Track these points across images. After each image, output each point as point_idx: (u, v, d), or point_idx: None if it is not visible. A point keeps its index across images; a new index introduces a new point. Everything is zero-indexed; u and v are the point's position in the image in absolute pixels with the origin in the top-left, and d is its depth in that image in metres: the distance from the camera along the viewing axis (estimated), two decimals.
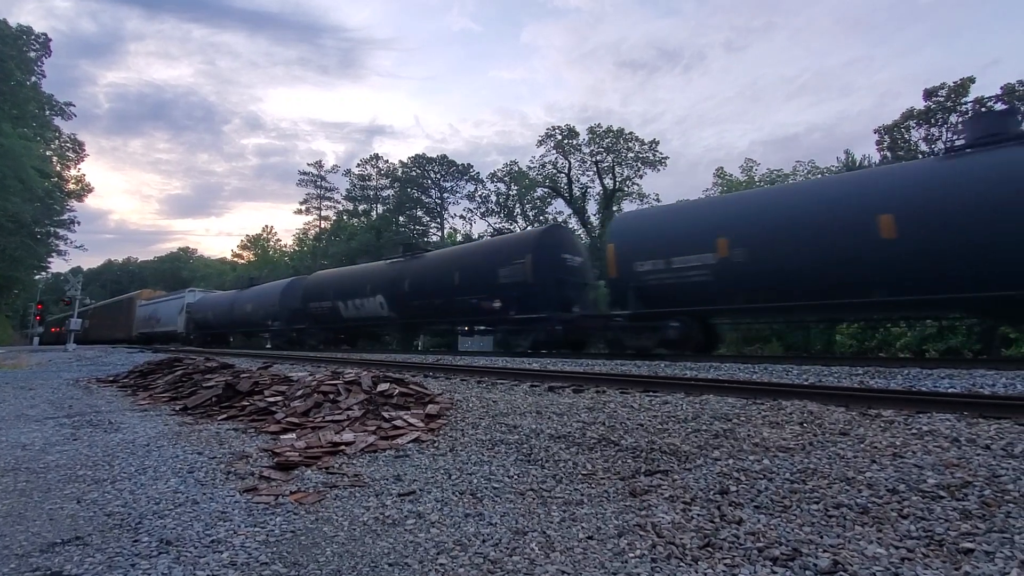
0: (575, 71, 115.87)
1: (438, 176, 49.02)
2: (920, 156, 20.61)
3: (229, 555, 2.12)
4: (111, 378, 9.94)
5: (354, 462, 3.49)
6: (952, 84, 21.62)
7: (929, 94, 22.08)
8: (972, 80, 21.36)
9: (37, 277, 44.61)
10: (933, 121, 22.21)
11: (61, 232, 39.21)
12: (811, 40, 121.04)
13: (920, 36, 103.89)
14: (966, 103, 21.48)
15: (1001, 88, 20.77)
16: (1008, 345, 15.13)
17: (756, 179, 33.45)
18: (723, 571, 1.86)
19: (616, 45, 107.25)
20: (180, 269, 74.22)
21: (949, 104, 21.74)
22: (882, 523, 2.10)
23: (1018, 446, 2.66)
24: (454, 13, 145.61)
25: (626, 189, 40.34)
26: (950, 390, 4.40)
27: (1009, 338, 15.07)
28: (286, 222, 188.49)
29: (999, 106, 21.12)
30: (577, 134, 40.49)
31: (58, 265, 55.43)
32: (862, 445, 2.91)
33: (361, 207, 53.65)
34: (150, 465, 3.53)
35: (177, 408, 5.97)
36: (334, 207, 57.27)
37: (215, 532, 2.35)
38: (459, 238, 43.83)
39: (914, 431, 3.06)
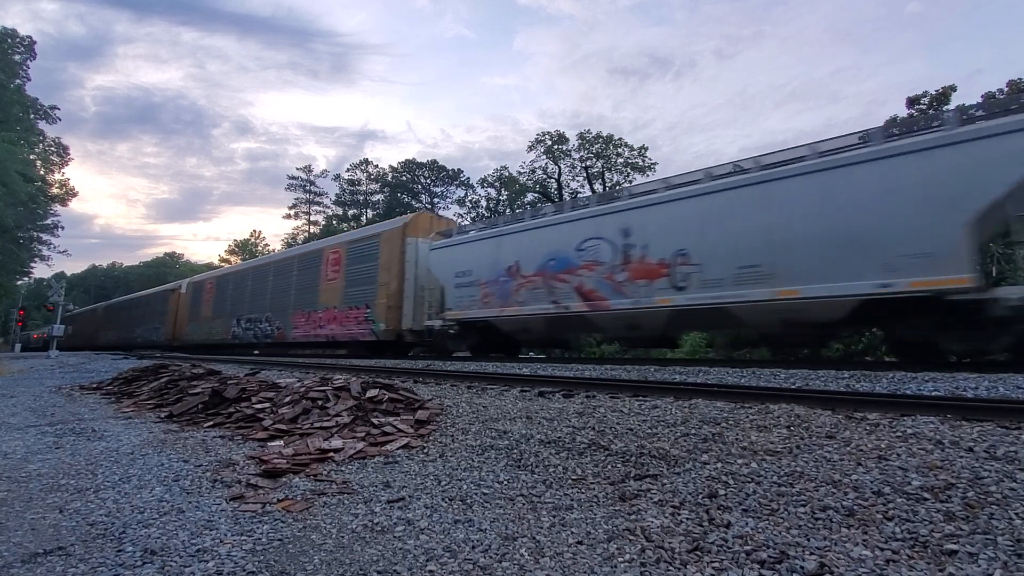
0: (567, 78, 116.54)
1: (428, 181, 49.01)
2: None
3: (215, 564, 2.09)
4: (94, 385, 9.79)
5: (343, 469, 3.47)
6: (934, 93, 22.02)
7: (912, 102, 22.46)
8: (953, 89, 21.78)
9: (19, 283, 43.82)
10: (915, 129, 22.60)
11: (44, 237, 38.60)
12: (800, 49, 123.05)
13: (907, 47, 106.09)
14: (948, 111, 21.87)
15: (982, 96, 21.18)
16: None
17: None
18: (711, 574, 1.87)
19: (608, 52, 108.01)
20: (166, 274, 73.30)
21: (931, 112, 22.12)
22: (867, 525, 2.12)
23: (1000, 448, 2.70)
24: (447, 19, 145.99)
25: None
26: (934, 393, 4.45)
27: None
28: (275, 227, 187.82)
29: (979, 113, 21.49)
30: (567, 140, 40.77)
31: (41, 270, 53.78)
32: (848, 448, 2.94)
33: (351, 212, 53.45)
34: (134, 474, 3.48)
35: (162, 415, 5.89)
36: (323, 212, 57.03)
37: (201, 541, 2.32)
38: None
39: (899, 434, 3.09)
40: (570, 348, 15.34)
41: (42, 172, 37.76)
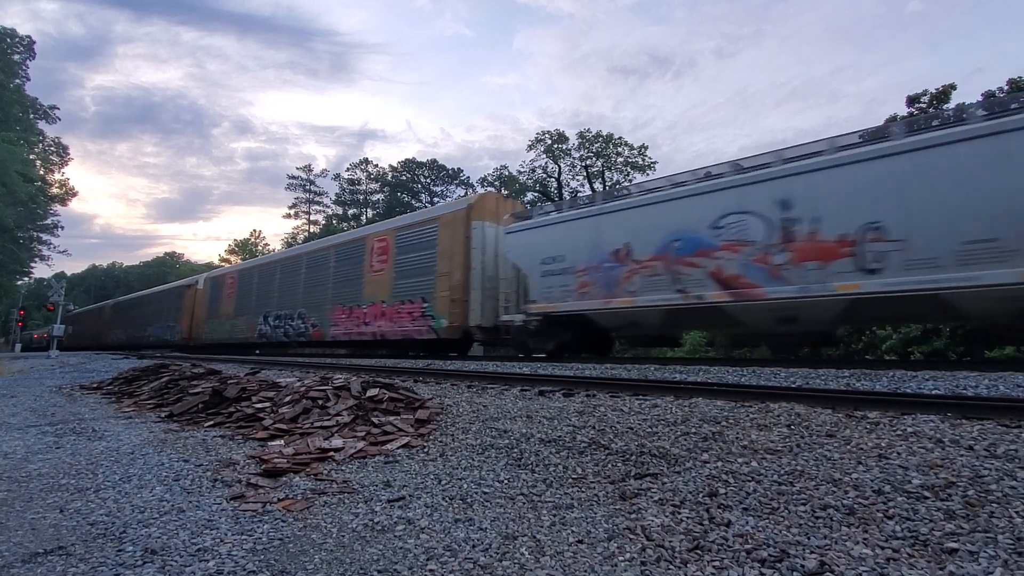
0: (567, 77, 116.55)
1: (428, 180, 49.04)
2: None
3: (215, 564, 2.09)
4: (95, 385, 9.79)
5: (343, 468, 3.47)
6: (934, 91, 22.00)
7: (912, 101, 22.43)
8: (953, 87, 21.76)
9: (19, 282, 43.82)
10: (915, 127, 22.57)
11: (44, 237, 38.70)
12: (800, 48, 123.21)
13: (907, 46, 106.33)
14: (947, 110, 21.85)
15: (982, 95, 21.17)
16: (991, 347, 15.37)
17: None
18: (712, 573, 1.87)
19: (608, 51, 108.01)
20: (167, 274, 73.40)
21: (931, 111, 22.10)
22: (868, 524, 2.12)
23: (1000, 446, 2.70)
24: (447, 19, 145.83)
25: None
26: (934, 392, 4.44)
27: (992, 340, 15.30)
28: (275, 226, 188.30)
29: (980, 112, 21.49)
30: (567, 139, 40.79)
31: (41, 270, 53.62)
32: (848, 447, 2.94)
33: (351, 211, 53.49)
34: (135, 473, 3.48)
35: (163, 415, 5.89)
36: (323, 211, 57.07)
37: (201, 541, 2.32)
38: None
39: (899, 432, 3.09)
40: (679, 344, 13.37)
41: (42, 172, 37.84)
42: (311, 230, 55.79)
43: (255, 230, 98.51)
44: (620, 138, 40.26)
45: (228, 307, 22.62)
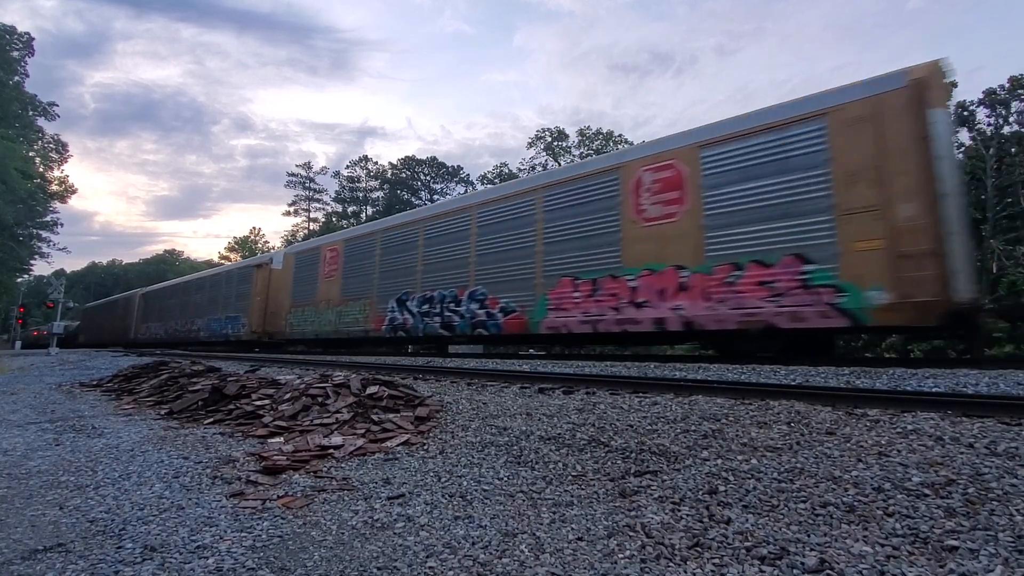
0: (568, 74, 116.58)
1: (428, 178, 49.03)
2: None
3: (215, 561, 2.09)
4: (95, 382, 9.79)
5: (343, 465, 3.47)
6: None
7: None
8: (954, 85, 21.73)
9: (19, 280, 43.81)
10: None
11: (44, 234, 38.72)
12: (801, 45, 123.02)
13: (907, 43, 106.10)
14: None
15: (983, 92, 21.16)
16: (991, 345, 15.39)
17: None
18: (712, 571, 1.87)
19: (608, 48, 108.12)
20: (166, 272, 73.43)
21: None
22: (868, 521, 2.12)
23: (1001, 444, 2.70)
24: (447, 16, 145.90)
25: None
26: (934, 390, 4.44)
27: (992, 338, 15.33)
28: (275, 224, 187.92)
29: (981, 109, 21.46)
30: (567, 136, 40.79)
31: (41, 268, 53.48)
32: (848, 444, 2.94)
33: (350, 209, 53.45)
34: (134, 470, 3.48)
35: (162, 412, 5.89)
36: (323, 209, 57.02)
37: (201, 538, 2.32)
38: None
39: (899, 430, 3.09)
40: None
41: (41, 169, 37.84)
42: (311, 228, 55.76)
43: (254, 228, 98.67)
44: (620, 135, 40.34)
45: (329, 290, 16.46)
